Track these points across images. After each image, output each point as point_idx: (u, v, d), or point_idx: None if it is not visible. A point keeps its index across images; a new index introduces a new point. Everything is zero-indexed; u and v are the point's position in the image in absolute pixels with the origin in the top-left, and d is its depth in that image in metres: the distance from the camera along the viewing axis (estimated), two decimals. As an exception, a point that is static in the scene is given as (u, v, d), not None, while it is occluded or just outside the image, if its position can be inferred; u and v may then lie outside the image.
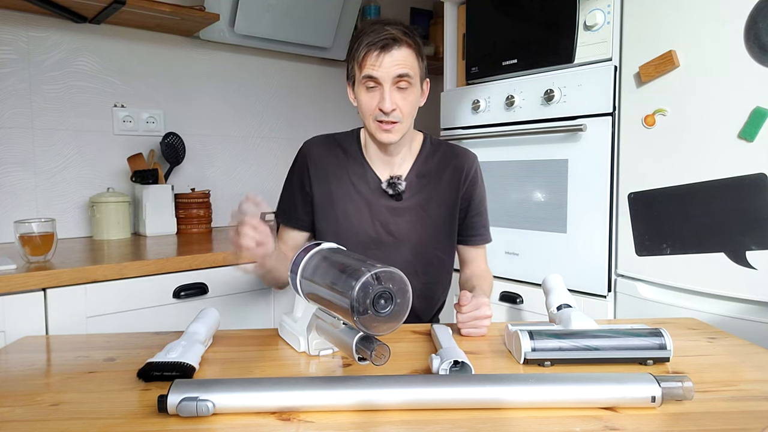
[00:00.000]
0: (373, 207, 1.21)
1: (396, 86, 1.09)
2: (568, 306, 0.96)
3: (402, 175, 1.21)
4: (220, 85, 2.19)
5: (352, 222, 1.20)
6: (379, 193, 1.21)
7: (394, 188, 1.19)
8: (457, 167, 1.24)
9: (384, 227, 1.21)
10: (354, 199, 1.21)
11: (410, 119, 1.14)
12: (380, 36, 1.07)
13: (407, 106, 1.11)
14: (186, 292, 1.46)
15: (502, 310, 1.79)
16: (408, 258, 1.22)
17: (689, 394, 0.69)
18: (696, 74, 1.32)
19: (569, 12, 1.56)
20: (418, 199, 1.22)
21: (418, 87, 1.13)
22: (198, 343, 0.86)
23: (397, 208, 1.21)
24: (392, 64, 1.07)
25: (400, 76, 1.08)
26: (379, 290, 0.72)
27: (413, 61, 1.10)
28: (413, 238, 1.22)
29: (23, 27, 1.73)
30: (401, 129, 1.12)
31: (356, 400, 0.67)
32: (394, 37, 1.07)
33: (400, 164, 1.22)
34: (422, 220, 1.22)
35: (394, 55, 1.07)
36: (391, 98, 1.08)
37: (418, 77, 1.12)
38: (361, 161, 1.23)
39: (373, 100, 1.10)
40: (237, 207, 0.99)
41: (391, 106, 1.08)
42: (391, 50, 1.07)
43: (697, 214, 1.32)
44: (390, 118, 1.10)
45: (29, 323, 1.23)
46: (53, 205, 1.82)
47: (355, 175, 1.22)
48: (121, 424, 0.65)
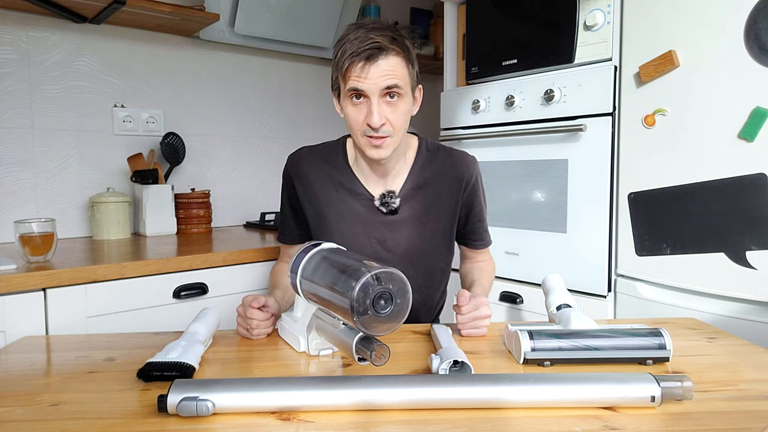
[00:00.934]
0: (367, 224, 1.15)
1: (384, 98, 1.01)
2: (568, 306, 0.97)
3: (396, 189, 1.14)
4: (220, 85, 2.19)
5: (347, 242, 1.11)
6: (373, 210, 1.14)
7: (387, 206, 1.13)
8: (456, 176, 1.17)
9: (381, 244, 1.15)
10: (347, 218, 1.15)
11: (402, 132, 1.06)
12: (365, 45, 0.97)
13: (398, 119, 1.03)
14: (186, 292, 1.46)
15: (502, 310, 1.79)
16: (409, 273, 1.11)
17: (689, 393, 0.69)
18: (696, 74, 1.32)
19: (569, 12, 1.56)
20: (415, 211, 1.16)
21: (409, 97, 1.05)
22: (198, 343, 0.87)
23: (394, 222, 1.15)
24: (379, 75, 0.98)
25: (388, 88, 0.99)
26: (379, 290, 0.72)
27: (402, 70, 1.01)
28: (412, 253, 1.16)
29: (23, 27, 1.74)
30: (392, 144, 1.04)
31: (356, 400, 0.67)
32: (380, 46, 0.97)
33: (393, 177, 1.15)
34: (420, 232, 1.16)
35: (380, 66, 0.98)
36: (379, 112, 0.99)
37: (408, 86, 1.03)
38: (350, 176, 1.15)
39: (360, 114, 1.02)
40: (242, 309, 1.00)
41: (380, 121, 1.00)
42: (377, 60, 0.98)
43: (697, 214, 1.32)
44: (379, 133, 1.01)
45: (29, 323, 1.23)
46: (53, 205, 1.82)
47: (345, 192, 1.15)
48: (121, 424, 0.65)
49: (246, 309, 0.98)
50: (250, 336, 0.98)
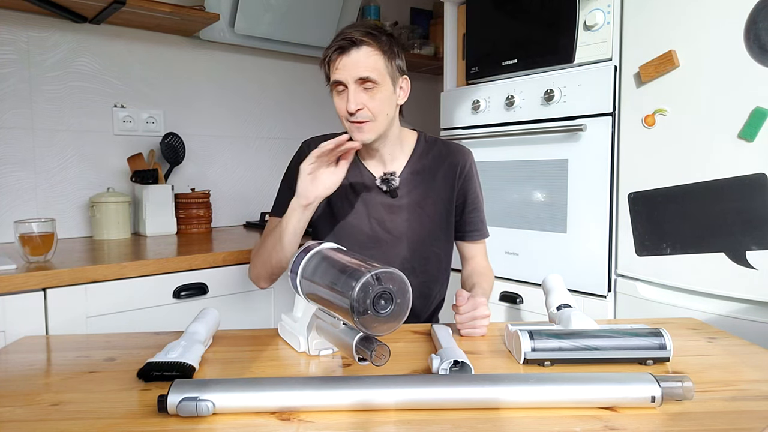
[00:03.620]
0: (369, 205, 1.22)
1: (361, 87, 1.09)
2: (568, 306, 0.96)
3: (396, 171, 1.22)
4: (220, 85, 2.19)
5: (348, 220, 1.21)
6: (375, 191, 1.22)
7: (388, 184, 1.20)
8: (451, 163, 1.25)
9: (381, 225, 1.22)
10: (350, 198, 1.22)
11: (384, 117, 1.13)
12: (338, 40, 1.08)
13: (376, 106, 1.10)
14: (186, 292, 1.46)
15: (501, 310, 1.79)
16: (405, 255, 1.22)
17: (689, 394, 0.69)
18: (696, 74, 1.32)
19: (569, 12, 1.56)
20: (414, 196, 1.23)
21: (388, 86, 1.12)
22: (198, 343, 0.86)
23: (393, 205, 1.22)
24: (352, 66, 1.07)
25: (362, 79, 1.08)
26: (379, 290, 0.72)
27: (377, 61, 1.09)
28: (410, 236, 1.22)
29: (23, 27, 1.74)
30: (375, 128, 1.12)
31: (356, 400, 0.67)
32: (352, 39, 1.07)
33: (391, 161, 1.22)
34: (419, 217, 1.23)
35: (352, 56, 1.07)
36: (355, 99, 1.08)
37: (385, 76, 1.10)
38: (355, 160, 1.22)
39: (343, 102, 1.11)
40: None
41: (355, 107, 1.08)
42: (349, 52, 1.07)
43: (697, 214, 1.32)
44: (357, 118, 1.10)
45: (29, 323, 1.23)
46: (53, 205, 1.82)
47: (350, 173, 1.20)
48: (121, 424, 0.65)
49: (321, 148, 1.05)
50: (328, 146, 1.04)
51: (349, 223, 1.21)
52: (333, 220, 1.22)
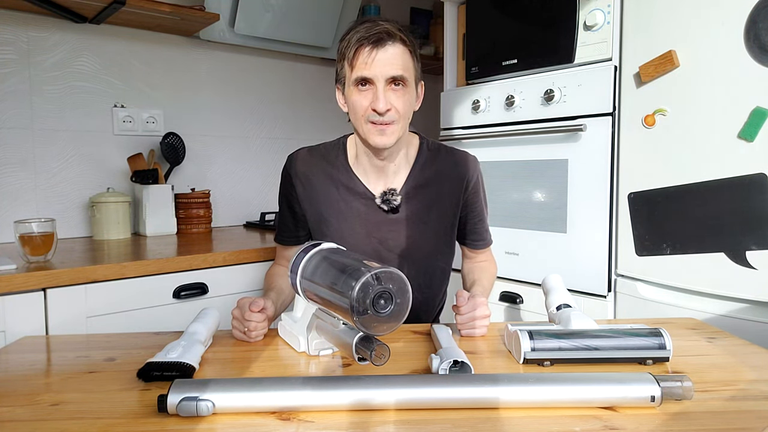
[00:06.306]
0: (368, 224, 1.14)
1: (390, 86, 1.02)
2: (568, 306, 0.96)
3: (397, 187, 1.14)
4: (220, 85, 2.19)
5: (348, 242, 1.10)
6: (374, 208, 1.14)
7: (389, 204, 1.12)
8: (457, 176, 1.17)
9: (382, 243, 1.14)
10: (347, 218, 1.14)
11: (405, 122, 1.06)
12: (373, 31, 0.99)
13: (403, 106, 1.03)
14: (186, 292, 1.46)
15: (501, 310, 1.79)
16: (411, 273, 1.12)
17: (689, 393, 0.69)
18: (696, 74, 1.32)
19: (569, 12, 1.56)
20: (417, 210, 1.15)
21: (412, 88, 1.06)
22: (198, 343, 0.86)
23: (394, 220, 1.14)
24: (386, 61, 0.99)
25: (394, 78, 1.01)
26: (379, 290, 0.72)
27: (408, 61, 1.03)
28: (414, 252, 1.15)
29: (23, 27, 1.74)
30: (397, 131, 1.04)
31: (356, 400, 0.67)
32: (389, 32, 0.99)
33: (394, 174, 1.14)
34: (422, 232, 1.16)
35: (388, 51, 0.99)
36: (385, 97, 1.00)
37: (413, 78, 1.05)
38: (351, 175, 1.14)
39: (366, 99, 1.02)
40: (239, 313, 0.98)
41: (385, 106, 1.00)
42: (385, 45, 0.99)
43: (697, 214, 1.32)
44: (385, 119, 1.01)
45: (29, 323, 1.23)
46: (53, 205, 1.82)
47: (346, 191, 1.14)
48: (121, 424, 0.65)
49: (244, 311, 0.96)
50: (248, 339, 0.97)
51: (348, 244, 1.09)
52: (331, 241, 1.18)
